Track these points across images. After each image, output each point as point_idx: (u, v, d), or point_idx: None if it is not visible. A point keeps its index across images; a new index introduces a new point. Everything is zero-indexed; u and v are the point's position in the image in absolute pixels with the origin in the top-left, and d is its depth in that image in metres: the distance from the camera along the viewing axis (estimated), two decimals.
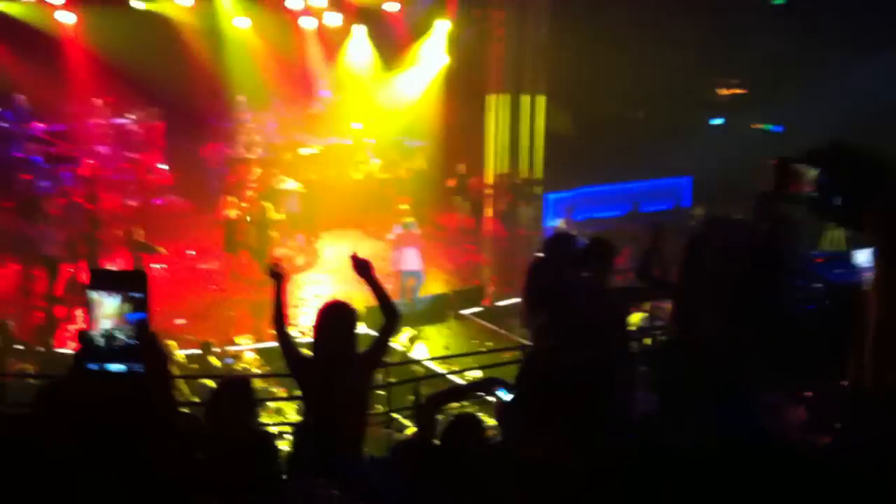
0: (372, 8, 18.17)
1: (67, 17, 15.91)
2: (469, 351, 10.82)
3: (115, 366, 2.04)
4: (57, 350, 10.12)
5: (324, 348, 4.42)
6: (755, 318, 4.65)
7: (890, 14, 14.06)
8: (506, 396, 3.30)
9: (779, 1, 17.45)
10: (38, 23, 15.87)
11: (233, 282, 13.56)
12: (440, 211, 17.18)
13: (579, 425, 2.18)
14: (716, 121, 19.13)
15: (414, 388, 7.57)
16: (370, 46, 18.91)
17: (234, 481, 3.68)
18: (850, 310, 2.52)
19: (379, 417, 7.38)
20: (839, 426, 2.90)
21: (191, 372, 9.60)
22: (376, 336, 4.61)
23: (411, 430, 7.18)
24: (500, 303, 12.84)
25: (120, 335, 2.03)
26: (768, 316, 4.69)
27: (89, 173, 15.36)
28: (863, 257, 9.11)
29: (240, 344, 11.07)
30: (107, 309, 2.03)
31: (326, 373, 4.36)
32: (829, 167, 2.42)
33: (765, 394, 4.50)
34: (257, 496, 3.79)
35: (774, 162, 2.60)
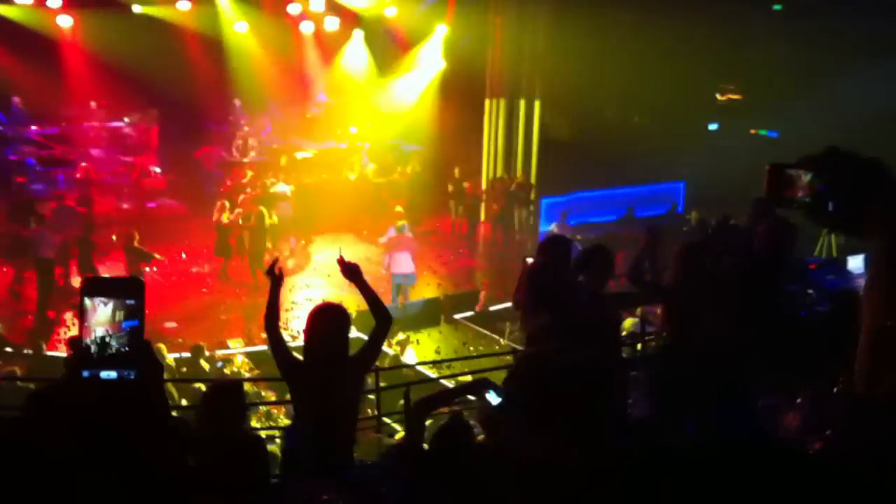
0: (370, 13, 18.18)
1: (65, 21, 15.87)
2: (460, 356, 10.76)
3: (108, 373, 2.01)
4: (47, 353, 10.04)
5: (318, 350, 4.38)
6: (755, 319, 4.63)
7: (889, 21, 14.09)
8: (494, 400, 3.26)
9: (779, 7, 17.51)
10: (36, 25, 15.84)
11: (224, 285, 13.51)
12: (435, 215, 17.18)
13: (579, 425, 2.17)
14: (712, 126, 19.19)
15: (405, 393, 7.52)
16: (367, 51, 18.92)
17: (226, 485, 3.65)
18: (849, 314, 2.49)
19: (369, 422, 7.33)
20: (834, 429, 2.87)
21: (181, 376, 9.55)
22: (367, 340, 4.58)
23: (401, 435, 7.14)
24: (493, 307, 12.77)
25: (113, 343, 2.00)
26: (768, 317, 4.67)
27: (84, 176, 15.31)
28: (856, 264, 9.14)
29: (231, 347, 11.04)
30: (100, 316, 2.00)
31: (320, 375, 4.33)
32: (825, 172, 2.39)
33: (763, 396, 4.48)
34: (257, 499, 3.75)
35: (768, 167, 2.58)
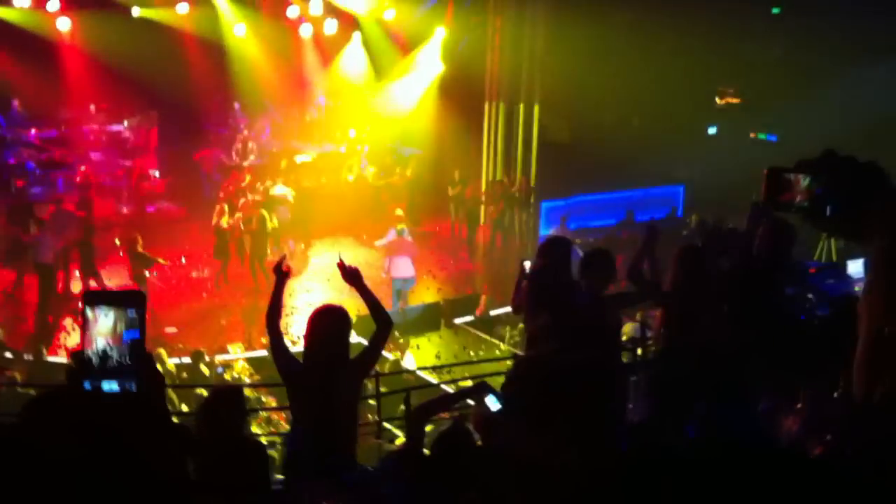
0: (369, 16, 18.19)
1: (63, 23, 15.87)
2: (460, 360, 10.74)
3: (110, 385, 2.02)
4: (47, 359, 10.02)
5: (318, 352, 4.37)
6: (754, 320, 4.63)
7: (889, 23, 14.09)
8: (494, 405, 3.25)
9: (778, 10, 17.52)
10: (35, 28, 15.83)
11: (224, 290, 13.49)
12: (434, 218, 17.16)
13: (578, 426, 2.16)
14: (712, 129, 19.19)
15: (405, 398, 7.51)
16: (366, 54, 18.92)
17: (226, 490, 3.65)
18: (850, 319, 2.48)
19: (369, 427, 7.32)
20: (835, 433, 2.87)
21: (181, 381, 9.53)
22: (367, 344, 4.58)
23: (401, 441, 7.12)
24: (494, 312, 12.75)
25: (114, 354, 2.01)
26: (766, 318, 4.67)
27: (83, 180, 15.30)
28: (855, 268, 9.14)
29: (231, 353, 11.02)
30: (101, 327, 2.01)
31: (319, 377, 4.32)
32: (822, 176, 2.39)
33: (764, 399, 4.48)
34: (259, 502, 3.75)
35: (765, 172, 2.58)
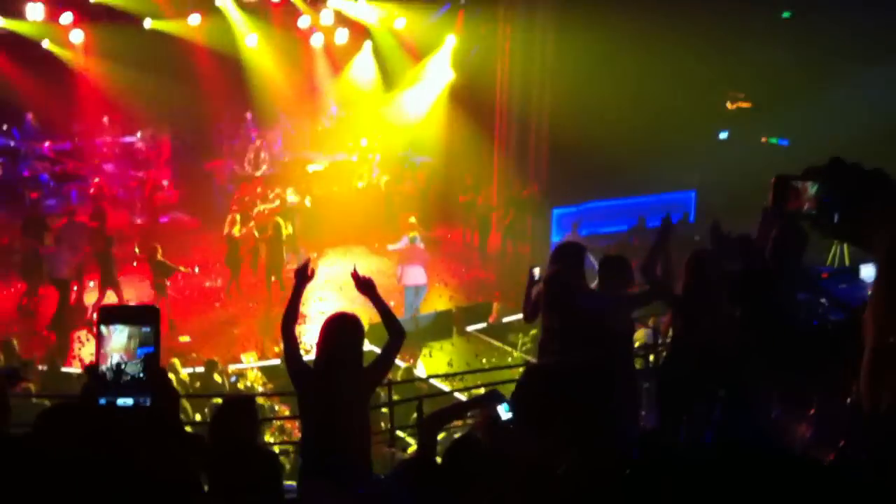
0: (380, 25, 18.27)
1: (76, 36, 16.01)
2: (473, 368, 10.74)
3: (124, 400, 2.07)
4: (62, 370, 10.11)
5: (330, 359, 4.39)
6: (766, 325, 4.61)
7: None
8: (505, 414, 3.26)
9: (788, 14, 17.46)
10: (49, 41, 15.98)
11: (238, 300, 13.56)
12: (446, 226, 17.19)
13: (581, 428, 2.18)
14: (723, 134, 19.13)
15: (417, 406, 7.53)
16: (377, 63, 19.00)
17: (238, 499, 3.68)
18: (859, 325, 2.49)
19: (382, 436, 7.33)
20: (847, 440, 2.88)
21: (195, 390, 9.59)
22: (380, 353, 4.59)
23: (413, 449, 7.13)
24: (506, 319, 12.75)
25: (128, 369, 2.06)
26: (776, 322, 4.66)
27: (97, 191, 15.42)
28: (868, 272, 9.07)
29: (244, 362, 11.07)
30: (115, 343, 2.06)
31: (331, 383, 4.34)
32: (829, 183, 2.40)
33: (776, 406, 4.46)
34: None
35: (773, 180, 2.60)
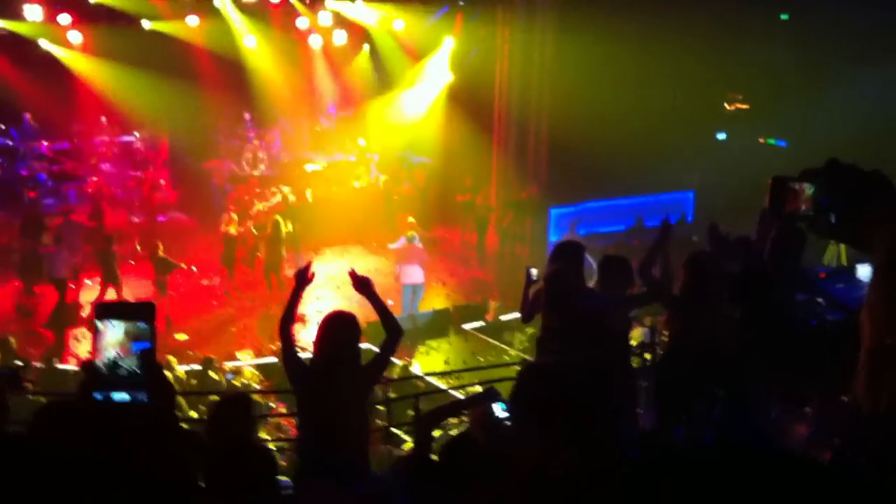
0: (378, 27, 18.28)
1: (75, 37, 16.00)
2: (470, 366, 10.75)
3: (120, 395, 2.08)
4: (58, 367, 10.10)
5: (328, 357, 4.40)
6: (764, 325, 4.61)
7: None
8: (501, 412, 3.26)
9: (786, 16, 17.49)
10: (47, 41, 15.97)
11: (235, 298, 13.56)
12: (444, 226, 17.19)
13: (580, 427, 2.19)
14: (721, 135, 19.16)
15: (414, 404, 7.54)
16: (376, 64, 19.01)
17: (234, 496, 3.68)
18: (857, 326, 2.49)
19: (378, 433, 7.34)
20: (844, 439, 2.88)
21: (191, 388, 9.59)
22: (378, 351, 4.60)
23: (409, 446, 7.14)
24: (503, 317, 12.75)
25: (124, 364, 2.07)
26: (774, 322, 4.66)
27: (94, 191, 15.41)
28: (865, 272, 9.09)
29: (241, 360, 11.08)
30: (111, 338, 2.07)
31: (328, 381, 4.34)
32: (826, 185, 2.41)
33: (774, 405, 4.46)
34: None
35: (769, 181, 2.60)
